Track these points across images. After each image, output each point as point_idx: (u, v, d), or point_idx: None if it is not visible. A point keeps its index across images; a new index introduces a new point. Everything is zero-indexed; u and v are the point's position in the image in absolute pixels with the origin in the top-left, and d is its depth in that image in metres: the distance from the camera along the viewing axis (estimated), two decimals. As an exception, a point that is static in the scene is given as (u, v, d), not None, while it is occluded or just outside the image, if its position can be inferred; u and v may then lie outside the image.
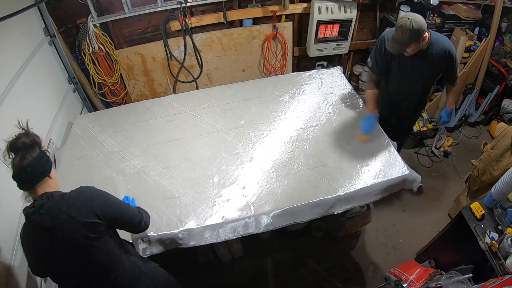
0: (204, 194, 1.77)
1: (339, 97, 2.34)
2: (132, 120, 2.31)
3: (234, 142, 2.06)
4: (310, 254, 2.47)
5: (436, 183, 3.05)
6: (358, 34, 3.38)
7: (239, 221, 1.64)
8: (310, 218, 1.72)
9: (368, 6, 3.22)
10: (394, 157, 1.87)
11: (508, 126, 2.17)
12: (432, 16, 3.22)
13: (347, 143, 1.98)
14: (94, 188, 1.24)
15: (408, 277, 2.01)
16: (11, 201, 1.66)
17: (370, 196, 1.77)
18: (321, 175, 1.80)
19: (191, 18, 2.85)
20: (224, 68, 3.26)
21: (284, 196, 1.72)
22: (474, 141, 3.47)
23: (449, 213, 2.76)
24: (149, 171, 1.93)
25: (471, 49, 3.24)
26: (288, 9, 2.99)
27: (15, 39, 1.99)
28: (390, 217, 2.76)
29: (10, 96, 1.80)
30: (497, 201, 1.77)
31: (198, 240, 1.63)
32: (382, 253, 2.52)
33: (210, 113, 2.30)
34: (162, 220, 1.66)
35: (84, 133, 2.25)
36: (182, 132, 2.17)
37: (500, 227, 1.71)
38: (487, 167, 2.27)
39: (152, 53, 3.01)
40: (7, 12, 1.72)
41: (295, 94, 2.40)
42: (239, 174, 1.86)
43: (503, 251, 1.57)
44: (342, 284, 2.34)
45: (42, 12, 2.33)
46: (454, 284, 1.64)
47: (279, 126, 2.15)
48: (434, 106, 3.36)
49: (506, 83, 3.18)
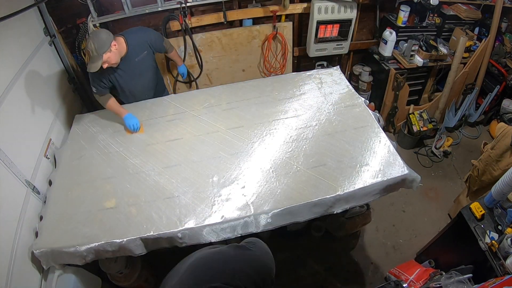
0: (203, 194, 1.77)
1: (339, 97, 2.34)
2: (132, 120, 2.31)
3: (234, 142, 2.06)
4: (310, 254, 2.47)
5: (436, 183, 3.05)
6: (358, 34, 3.38)
7: (238, 220, 1.64)
8: (309, 217, 1.72)
9: (368, 6, 3.22)
10: (394, 157, 1.86)
11: (508, 126, 2.17)
12: (432, 16, 3.23)
13: (346, 143, 1.98)
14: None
15: (408, 277, 2.01)
16: (11, 201, 1.66)
17: (370, 195, 1.77)
18: (321, 175, 1.80)
19: (191, 18, 2.85)
20: (224, 68, 3.26)
21: (284, 195, 1.72)
22: (474, 141, 3.47)
23: (449, 213, 2.76)
24: (149, 171, 1.93)
25: (471, 49, 3.24)
26: (288, 9, 2.99)
27: (15, 39, 1.99)
28: (390, 217, 2.76)
29: (10, 96, 1.80)
30: (497, 201, 1.77)
31: (198, 239, 1.63)
32: (382, 253, 2.52)
33: (210, 113, 2.30)
34: (162, 220, 1.66)
35: (84, 132, 2.25)
36: (182, 132, 2.17)
37: (500, 227, 1.71)
38: (487, 167, 2.27)
39: (152, 53, 3.01)
40: (7, 12, 1.72)
41: (295, 94, 2.40)
42: (238, 173, 1.86)
43: (503, 251, 1.57)
44: (342, 284, 2.33)
45: (42, 12, 2.32)
46: (454, 284, 1.64)
47: (279, 125, 2.15)
48: (434, 106, 3.37)
49: (506, 83, 3.18)
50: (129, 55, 2.12)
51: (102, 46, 1.87)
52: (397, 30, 3.12)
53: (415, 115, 3.24)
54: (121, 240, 1.60)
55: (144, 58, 2.22)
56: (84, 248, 1.59)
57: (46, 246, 1.61)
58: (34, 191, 1.84)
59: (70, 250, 1.59)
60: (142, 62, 2.22)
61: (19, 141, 1.84)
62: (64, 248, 1.60)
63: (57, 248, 1.61)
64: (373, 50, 3.36)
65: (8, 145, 1.69)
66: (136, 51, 2.15)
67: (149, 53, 2.25)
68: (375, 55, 3.33)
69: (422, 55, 3.06)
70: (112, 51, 1.94)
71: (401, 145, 3.38)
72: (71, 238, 1.63)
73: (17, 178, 1.72)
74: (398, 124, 3.47)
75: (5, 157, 1.65)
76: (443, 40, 3.29)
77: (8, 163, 1.66)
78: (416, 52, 3.11)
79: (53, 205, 1.81)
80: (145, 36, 2.21)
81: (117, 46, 1.99)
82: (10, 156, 1.67)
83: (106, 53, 1.91)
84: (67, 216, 1.74)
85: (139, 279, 2.06)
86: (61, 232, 1.67)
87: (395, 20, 3.15)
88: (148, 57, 2.25)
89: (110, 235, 1.62)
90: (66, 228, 1.68)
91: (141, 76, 2.30)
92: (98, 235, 1.63)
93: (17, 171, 1.72)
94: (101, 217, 1.71)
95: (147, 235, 1.61)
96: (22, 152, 1.83)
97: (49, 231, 1.68)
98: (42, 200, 1.90)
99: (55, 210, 1.78)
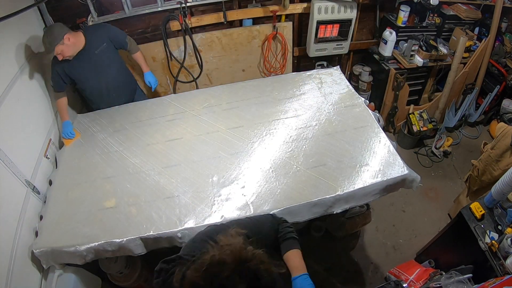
0: (203, 194, 1.77)
1: (339, 97, 2.34)
2: (132, 120, 2.32)
3: (234, 142, 2.06)
4: (310, 254, 2.46)
5: (436, 183, 3.05)
6: (358, 34, 3.38)
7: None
8: (309, 217, 1.72)
9: (368, 6, 3.22)
10: (394, 157, 1.86)
11: (508, 126, 2.17)
12: (432, 16, 3.23)
13: (346, 143, 1.98)
14: None
15: (408, 277, 2.00)
16: (11, 201, 1.66)
17: (369, 195, 1.77)
18: (320, 175, 1.80)
19: (191, 18, 2.85)
20: (224, 68, 3.26)
21: (283, 195, 1.72)
22: (474, 141, 3.47)
23: (449, 213, 2.75)
24: (149, 171, 1.93)
25: (471, 49, 3.24)
26: (288, 9, 2.99)
27: (15, 39, 1.99)
28: (390, 217, 2.76)
29: (10, 96, 1.81)
30: (497, 201, 1.77)
31: (198, 240, 1.63)
32: (382, 253, 2.52)
33: (210, 112, 2.30)
34: (162, 219, 1.66)
35: (84, 132, 2.26)
36: (182, 132, 2.17)
37: (500, 227, 1.70)
38: (487, 167, 2.26)
39: (152, 53, 3.01)
40: (7, 12, 1.73)
41: (295, 94, 2.40)
42: (238, 173, 1.87)
43: (503, 251, 1.57)
44: (342, 284, 2.33)
45: (42, 12, 2.33)
46: (454, 284, 1.64)
47: (279, 125, 2.15)
48: (434, 106, 3.37)
49: (506, 83, 3.18)
50: (88, 48, 2.18)
51: (54, 40, 1.98)
52: (397, 30, 3.12)
53: (415, 115, 3.24)
54: (121, 240, 1.60)
55: (103, 50, 2.25)
56: (84, 247, 1.59)
57: (46, 246, 1.62)
58: (34, 191, 1.85)
59: (70, 249, 1.60)
60: (102, 55, 2.25)
61: (19, 141, 1.85)
62: (64, 248, 1.60)
63: (57, 247, 1.61)
64: (373, 50, 3.36)
65: (8, 145, 1.69)
66: (95, 43, 2.21)
67: (110, 46, 2.30)
68: (375, 55, 3.33)
69: (422, 55, 3.05)
70: (65, 43, 2.02)
71: (401, 145, 3.38)
72: (71, 237, 1.64)
73: (17, 178, 1.72)
74: (398, 124, 3.47)
75: (5, 157, 1.65)
76: (443, 40, 3.28)
77: (8, 163, 1.66)
78: (416, 52, 3.11)
79: (53, 205, 1.81)
80: (105, 30, 2.30)
81: (72, 39, 2.07)
82: (10, 156, 1.68)
83: (58, 45, 2.00)
84: (67, 216, 1.74)
85: (139, 279, 2.07)
86: (61, 231, 1.67)
87: (395, 20, 3.15)
88: (108, 50, 2.29)
89: (110, 235, 1.62)
90: (66, 228, 1.68)
91: (102, 71, 2.31)
92: (98, 235, 1.63)
93: (17, 171, 1.72)
94: (101, 216, 1.72)
95: (147, 235, 1.61)
96: (22, 152, 1.83)
97: (49, 231, 1.68)
98: (42, 200, 1.90)
99: (55, 210, 1.78)
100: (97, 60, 2.24)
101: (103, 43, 2.24)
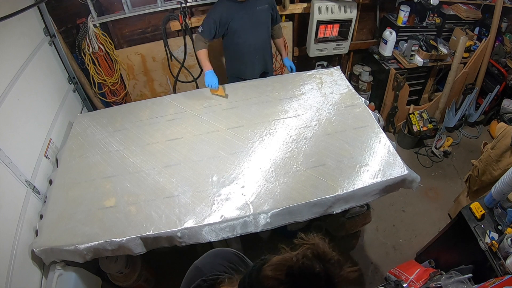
0: (203, 193, 1.77)
1: (339, 97, 2.34)
2: (132, 119, 2.32)
3: (234, 142, 2.06)
4: (309, 254, 2.46)
5: (436, 183, 3.05)
6: (358, 34, 3.38)
7: (238, 220, 1.64)
8: (309, 217, 1.72)
9: (368, 6, 3.23)
10: (394, 157, 1.86)
11: (508, 126, 2.17)
12: (432, 16, 3.23)
13: (346, 143, 1.98)
14: None
15: (408, 277, 2.00)
16: (12, 201, 1.66)
17: (369, 196, 1.77)
18: (320, 175, 1.80)
19: (191, 18, 2.86)
20: (224, 68, 3.25)
21: (283, 195, 1.72)
22: (474, 141, 3.47)
23: (449, 213, 2.75)
24: (149, 170, 1.93)
25: (471, 49, 3.24)
26: (288, 9, 3.00)
27: (15, 39, 1.99)
28: (390, 217, 2.76)
29: (10, 96, 1.80)
30: (497, 201, 1.77)
31: (197, 239, 1.63)
32: (382, 253, 2.52)
33: (210, 112, 2.30)
34: (161, 219, 1.66)
35: (84, 132, 2.25)
36: (182, 131, 2.17)
37: (500, 227, 1.71)
38: (487, 167, 2.26)
39: (152, 53, 3.02)
40: (7, 12, 1.73)
41: (295, 94, 2.40)
42: (238, 173, 1.86)
43: (503, 251, 1.57)
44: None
45: (42, 12, 2.33)
46: (454, 284, 1.64)
47: (279, 125, 2.15)
48: (434, 106, 3.36)
49: (506, 83, 3.18)
50: (253, 1, 2.29)
51: None
52: (397, 30, 3.13)
53: (415, 115, 3.24)
54: (120, 239, 1.60)
55: (263, 10, 2.36)
56: (83, 246, 1.59)
57: (46, 245, 1.62)
58: (34, 191, 1.85)
59: (70, 248, 1.60)
60: (261, 13, 2.37)
61: (19, 141, 1.85)
62: (64, 247, 1.60)
63: (57, 246, 1.61)
64: (373, 50, 3.36)
65: (8, 145, 1.69)
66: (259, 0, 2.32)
67: (268, 11, 2.41)
68: (375, 55, 3.33)
69: (422, 55, 3.06)
70: None
71: (401, 145, 3.38)
72: (71, 236, 1.63)
73: (17, 178, 1.72)
74: (398, 124, 3.47)
75: (5, 157, 1.65)
76: (443, 40, 3.29)
77: (8, 163, 1.66)
78: (416, 52, 3.11)
79: (53, 204, 1.81)
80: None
81: None
82: (10, 156, 1.68)
83: None
84: (67, 215, 1.74)
85: (139, 279, 2.07)
86: (61, 230, 1.67)
87: (395, 20, 3.15)
88: (266, 12, 2.39)
89: (110, 234, 1.62)
90: (66, 227, 1.68)
91: (259, 27, 2.41)
92: (98, 234, 1.63)
93: (17, 171, 1.72)
94: (101, 216, 1.72)
95: (147, 234, 1.61)
96: (22, 152, 1.83)
97: (49, 230, 1.68)
98: (42, 200, 1.90)
99: (55, 209, 1.78)
100: (257, 16, 2.35)
101: (265, 4, 2.35)
